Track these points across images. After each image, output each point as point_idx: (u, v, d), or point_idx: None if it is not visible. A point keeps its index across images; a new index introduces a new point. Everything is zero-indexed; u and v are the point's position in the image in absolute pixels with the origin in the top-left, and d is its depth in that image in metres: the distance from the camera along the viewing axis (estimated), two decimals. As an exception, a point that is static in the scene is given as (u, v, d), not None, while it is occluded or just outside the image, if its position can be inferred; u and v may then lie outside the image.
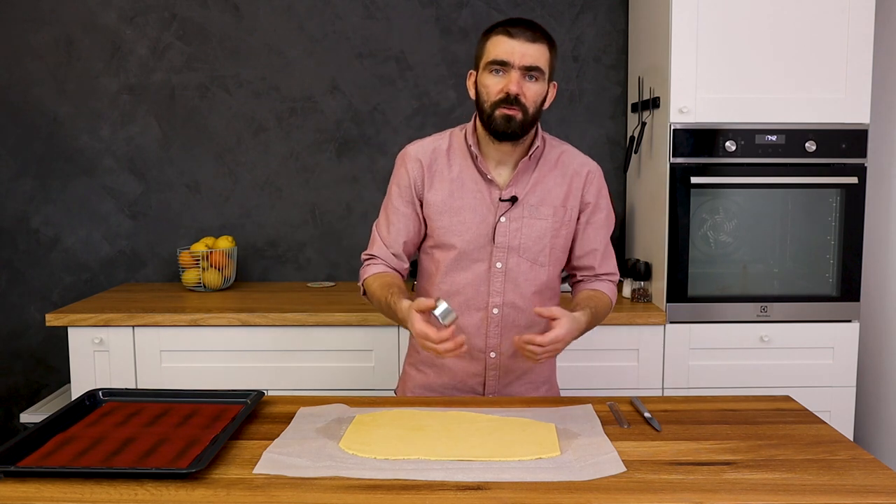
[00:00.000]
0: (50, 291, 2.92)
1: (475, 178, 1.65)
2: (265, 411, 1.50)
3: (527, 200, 1.65)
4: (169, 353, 2.38)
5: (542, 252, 1.66)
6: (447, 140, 1.70)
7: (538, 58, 1.56)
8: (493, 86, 1.57)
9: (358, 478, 1.18)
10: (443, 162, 1.67)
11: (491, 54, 1.56)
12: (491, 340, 1.67)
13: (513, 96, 1.54)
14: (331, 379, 2.37)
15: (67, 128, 2.87)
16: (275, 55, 2.85)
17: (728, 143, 2.34)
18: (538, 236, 1.66)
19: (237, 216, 2.91)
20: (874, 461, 1.26)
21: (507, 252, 1.65)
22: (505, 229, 1.64)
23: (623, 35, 2.85)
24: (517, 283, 1.66)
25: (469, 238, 1.64)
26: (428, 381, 1.74)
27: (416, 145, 1.71)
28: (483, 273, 1.65)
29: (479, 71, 1.61)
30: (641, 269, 2.54)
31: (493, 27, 1.60)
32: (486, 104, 1.58)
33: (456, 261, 1.65)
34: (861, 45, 2.31)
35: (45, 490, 1.15)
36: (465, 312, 1.66)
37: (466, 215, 1.64)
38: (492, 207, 1.64)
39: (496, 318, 1.66)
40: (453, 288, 1.67)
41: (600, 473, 1.19)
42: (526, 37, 1.55)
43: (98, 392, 1.54)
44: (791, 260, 2.50)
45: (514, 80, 1.54)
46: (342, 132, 2.88)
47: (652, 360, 2.39)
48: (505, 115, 1.55)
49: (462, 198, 1.65)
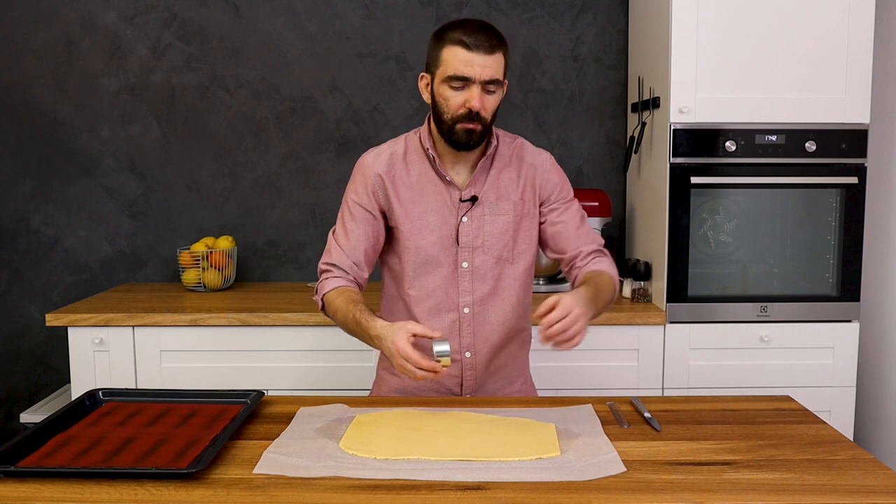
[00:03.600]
0: (50, 291, 2.92)
1: (434, 180, 1.66)
2: (265, 411, 1.50)
3: (486, 198, 1.66)
4: (169, 353, 2.38)
5: (507, 247, 1.68)
6: (403, 145, 1.70)
7: (497, 69, 1.56)
8: (453, 99, 1.56)
9: (358, 478, 1.18)
10: (401, 167, 1.67)
11: (450, 68, 1.54)
12: (465, 340, 1.68)
13: (475, 112, 1.55)
14: (331, 379, 2.37)
15: (67, 128, 2.87)
16: (275, 55, 2.85)
17: (728, 143, 2.34)
18: (501, 232, 1.67)
19: (237, 216, 2.91)
20: (874, 461, 1.26)
21: (472, 251, 1.66)
22: (468, 229, 1.65)
23: (623, 35, 2.85)
24: (485, 281, 1.67)
25: (433, 241, 1.65)
26: (403, 385, 1.74)
27: (372, 153, 1.71)
28: (450, 274, 1.66)
29: (434, 78, 1.59)
30: (641, 269, 2.54)
31: (446, 31, 1.58)
32: (447, 117, 1.58)
33: (422, 265, 1.66)
34: (861, 45, 2.31)
35: (45, 490, 1.15)
36: (437, 315, 1.67)
37: (429, 218, 1.65)
38: (453, 208, 1.66)
39: (468, 318, 1.67)
40: (422, 292, 1.67)
41: (600, 473, 1.19)
42: (485, 48, 1.53)
43: (98, 392, 1.54)
44: (791, 260, 2.50)
45: (476, 95, 1.54)
46: (342, 132, 2.88)
47: (652, 360, 2.38)
48: (467, 129, 1.56)
49: (423, 202, 1.66)
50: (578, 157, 2.90)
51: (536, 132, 2.88)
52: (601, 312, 1.56)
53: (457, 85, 1.55)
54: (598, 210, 2.63)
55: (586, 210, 2.60)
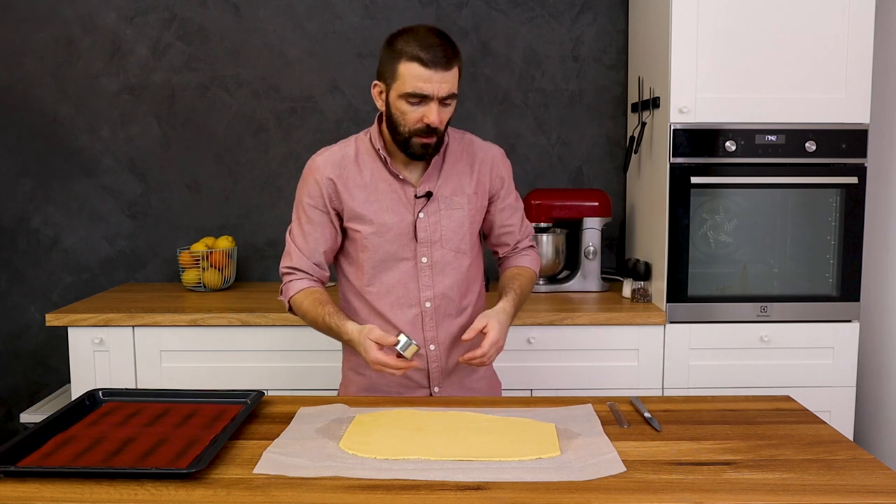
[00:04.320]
0: (50, 291, 2.92)
1: (388, 179, 1.68)
2: (265, 411, 1.50)
3: (440, 193, 1.69)
4: (169, 353, 2.38)
5: (463, 240, 1.72)
6: (353, 146, 1.72)
7: (453, 83, 1.58)
8: (410, 114, 1.57)
9: (358, 478, 1.18)
10: (353, 168, 1.69)
11: (408, 85, 1.53)
12: (428, 333, 1.71)
13: (433, 128, 1.57)
14: (331, 379, 2.36)
15: (67, 128, 2.87)
16: (275, 55, 2.85)
17: (728, 143, 2.34)
18: (457, 226, 1.70)
19: (237, 216, 2.91)
20: (874, 461, 1.26)
21: (430, 246, 1.69)
22: (425, 224, 1.68)
23: (623, 35, 2.85)
24: (445, 274, 1.70)
25: (391, 238, 1.67)
26: (370, 383, 1.75)
27: (323, 155, 1.73)
28: (410, 270, 1.69)
29: (390, 90, 1.58)
30: (641, 269, 2.53)
31: (400, 43, 1.55)
32: (403, 129, 1.59)
33: (382, 262, 1.69)
34: (861, 45, 2.31)
35: (45, 490, 1.15)
36: (399, 310, 1.70)
37: (386, 217, 1.67)
38: (409, 205, 1.68)
39: (430, 312, 1.70)
40: (382, 289, 1.70)
41: (600, 473, 1.19)
42: (441, 65, 1.53)
43: (98, 392, 1.54)
44: (791, 260, 2.50)
45: (434, 111, 1.55)
46: (342, 132, 2.87)
47: (652, 360, 2.38)
48: (423, 143, 1.59)
49: (378, 200, 1.68)
50: (578, 157, 2.90)
51: (536, 132, 2.88)
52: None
53: (414, 101, 1.56)
54: (598, 210, 2.63)
55: (586, 210, 2.64)
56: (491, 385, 1.84)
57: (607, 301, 2.52)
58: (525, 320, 2.30)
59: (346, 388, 1.82)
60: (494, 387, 1.86)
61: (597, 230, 2.64)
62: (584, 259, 2.63)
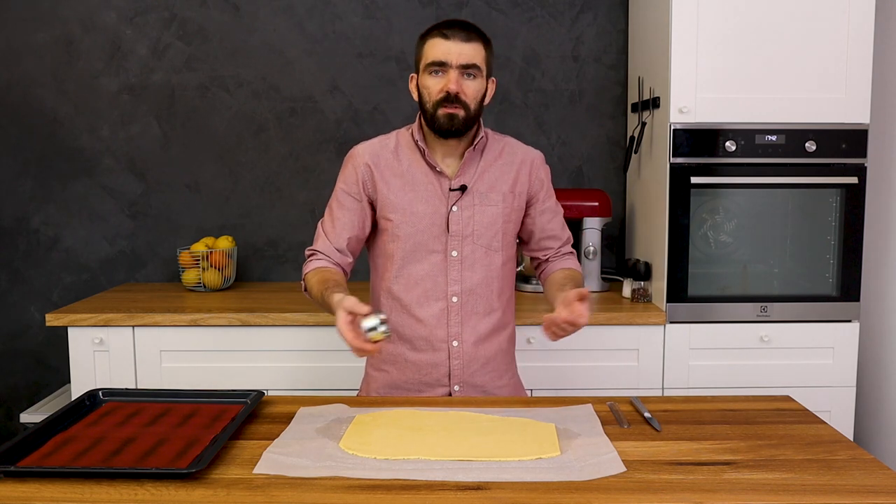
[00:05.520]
0: (50, 291, 2.92)
1: (425, 170, 1.71)
2: (265, 411, 1.50)
3: (476, 188, 1.70)
4: (169, 353, 2.38)
5: (496, 237, 1.72)
6: (394, 139, 1.76)
7: (474, 55, 1.63)
8: (433, 86, 1.63)
9: (358, 478, 1.18)
10: (391, 158, 1.72)
11: (429, 56, 1.64)
12: (452, 329, 1.71)
13: (453, 94, 1.61)
14: (330, 379, 2.37)
15: (67, 128, 2.87)
16: (275, 55, 2.85)
17: (728, 143, 2.34)
18: (490, 222, 1.71)
19: (237, 216, 2.91)
20: (874, 461, 1.26)
21: (461, 240, 1.70)
22: (458, 218, 1.69)
23: (623, 35, 2.85)
24: (474, 270, 1.71)
25: (423, 228, 1.69)
26: (392, 380, 1.76)
27: (363, 145, 1.76)
28: (439, 263, 1.70)
29: (419, 73, 1.67)
30: (641, 269, 2.53)
31: (428, 31, 1.67)
32: (429, 104, 1.65)
33: (411, 252, 1.70)
34: (861, 45, 2.31)
35: (45, 490, 1.15)
36: (425, 303, 1.70)
37: (419, 207, 1.69)
38: (443, 198, 1.69)
39: (456, 307, 1.70)
40: (411, 280, 1.70)
41: (600, 473, 1.19)
42: (461, 37, 1.62)
43: (98, 392, 1.54)
44: (791, 260, 2.50)
45: (453, 79, 1.61)
46: (342, 132, 2.88)
47: (652, 360, 2.38)
48: (447, 113, 1.62)
49: (414, 190, 1.70)
50: (578, 157, 2.90)
51: (536, 132, 2.88)
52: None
53: (435, 70, 1.62)
54: (598, 210, 2.63)
55: (586, 210, 2.64)
56: (516, 393, 1.82)
57: (607, 301, 2.52)
58: (525, 320, 2.30)
59: (367, 385, 1.82)
60: (519, 395, 1.84)
61: (597, 230, 2.64)
62: (584, 259, 2.63)
